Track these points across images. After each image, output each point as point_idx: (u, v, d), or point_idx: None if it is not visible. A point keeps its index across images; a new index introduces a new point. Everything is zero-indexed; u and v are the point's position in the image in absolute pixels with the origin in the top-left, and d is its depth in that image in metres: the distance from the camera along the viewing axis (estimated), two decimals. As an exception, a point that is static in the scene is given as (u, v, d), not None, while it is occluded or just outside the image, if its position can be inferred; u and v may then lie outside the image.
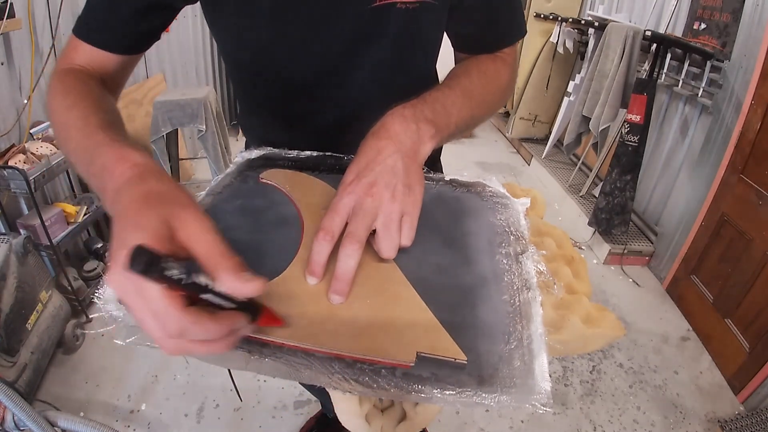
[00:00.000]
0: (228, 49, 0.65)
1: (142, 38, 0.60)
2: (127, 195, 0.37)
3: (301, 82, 0.63)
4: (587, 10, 3.43)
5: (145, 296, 0.30)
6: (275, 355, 0.36)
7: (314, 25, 0.57)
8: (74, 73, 0.55)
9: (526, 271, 0.47)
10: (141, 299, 0.31)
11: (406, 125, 0.49)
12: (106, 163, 0.40)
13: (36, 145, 1.53)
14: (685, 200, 2.22)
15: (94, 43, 0.56)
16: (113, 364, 1.62)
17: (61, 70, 0.56)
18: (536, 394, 0.35)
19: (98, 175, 0.41)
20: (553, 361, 1.76)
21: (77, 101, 0.49)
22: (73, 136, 0.46)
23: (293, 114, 0.67)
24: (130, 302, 0.32)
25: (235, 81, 0.72)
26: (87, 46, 0.57)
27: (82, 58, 0.57)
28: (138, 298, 0.31)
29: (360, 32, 0.58)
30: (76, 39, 0.57)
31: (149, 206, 0.35)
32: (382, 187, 0.45)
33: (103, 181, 0.40)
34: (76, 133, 0.46)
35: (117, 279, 0.32)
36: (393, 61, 0.62)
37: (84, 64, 0.57)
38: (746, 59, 1.86)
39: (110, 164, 0.40)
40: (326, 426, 1.40)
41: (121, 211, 0.36)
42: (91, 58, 0.57)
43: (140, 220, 0.34)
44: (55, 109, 0.51)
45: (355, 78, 0.62)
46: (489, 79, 0.62)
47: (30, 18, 1.62)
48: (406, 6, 0.56)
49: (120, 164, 0.39)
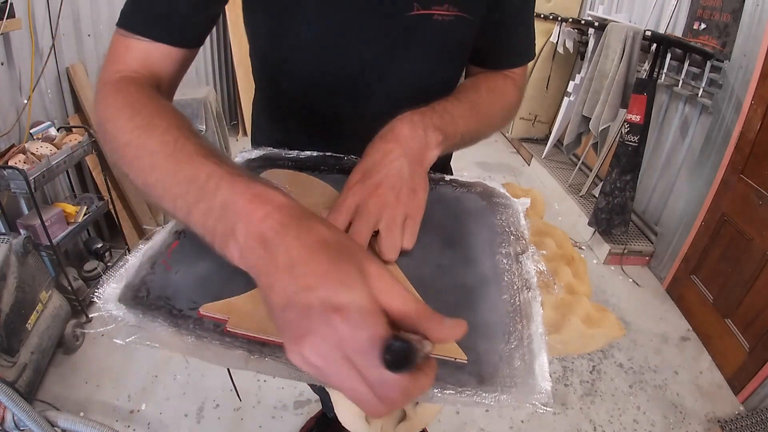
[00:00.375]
0: (262, 47, 0.63)
1: (203, 28, 0.55)
2: (294, 243, 0.31)
3: (332, 85, 0.62)
4: (587, 10, 3.43)
5: (370, 375, 0.28)
6: (275, 354, 0.36)
7: (353, 28, 0.57)
8: (135, 84, 0.48)
9: (526, 271, 0.47)
10: (354, 372, 0.28)
11: (415, 130, 0.49)
12: (231, 201, 0.34)
13: (36, 145, 1.53)
14: (685, 200, 2.22)
15: (154, 36, 0.50)
16: (113, 364, 1.62)
17: (117, 80, 0.48)
18: (536, 394, 0.35)
19: (214, 213, 0.35)
20: (553, 361, 1.76)
21: (155, 121, 0.42)
22: (160, 164, 0.39)
23: (317, 117, 0.66)
24: (336, 374, 0.28)
25: (262, 80, 0.70)
26: (141, 44, 0.50)
27: (136, 60, 0.50)
28: (352, 373, 0.28)
29: (396, 40, 0.58)
30: (126, 37, 0.50)
31: (338, 258, 0.31)
32: (387, 189, 0.45)
33: (227, 221, 0.34)
34: (165, 161, 0.39)
35: (323, 353, 0.28)
36: (424, 70, 0.62)
37: (138, 67, 0.50)
38: (746, 59, 1.86)
39: (241, 204, 0.34)
40: (326, 426, 1.40)
41: (291, 263, 0.31)
42: (147, 57, 0.51)
43: (340, 276, 0.30)
44: (121, 129, 0.43)
45: (385, 85, 0.62)
46: (497, 96, 0.64)
47: (30, 18, 1.62)
48: (442, 17, 0.57)
49: (258, 205, 0.34)
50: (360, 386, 0.28)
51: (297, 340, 0.29)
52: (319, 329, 0.28)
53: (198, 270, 0.43)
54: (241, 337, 0.37)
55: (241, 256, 0.33)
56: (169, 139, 0.40)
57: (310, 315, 0.29)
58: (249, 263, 0.33)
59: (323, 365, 0.28)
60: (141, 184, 0.41)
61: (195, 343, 0.37)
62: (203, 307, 0.39)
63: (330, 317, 0.28)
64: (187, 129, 0.42)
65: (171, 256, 0.45)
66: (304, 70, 0.62)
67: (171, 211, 0.39)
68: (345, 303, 0.28)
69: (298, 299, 0.29)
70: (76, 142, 1.63)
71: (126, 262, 0.44)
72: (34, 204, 1.45)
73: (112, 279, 0.41)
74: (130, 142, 0.42)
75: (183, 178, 0.37)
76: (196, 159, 0.38)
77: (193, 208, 0.36)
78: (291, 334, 0.29)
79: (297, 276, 0.30)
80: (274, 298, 0.30)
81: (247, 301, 0.39)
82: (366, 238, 0.43)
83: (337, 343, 0.28)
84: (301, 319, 0.29)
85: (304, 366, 0.30)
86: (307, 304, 0.29)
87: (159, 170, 0.39)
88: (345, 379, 0.28)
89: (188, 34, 0.53)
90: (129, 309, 0.38)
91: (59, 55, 1.80)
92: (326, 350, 0.28)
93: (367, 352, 0.27)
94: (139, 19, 0.50)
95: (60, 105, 1.87)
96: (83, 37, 1.94)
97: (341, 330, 0.28)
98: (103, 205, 1.83)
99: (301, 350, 0.29)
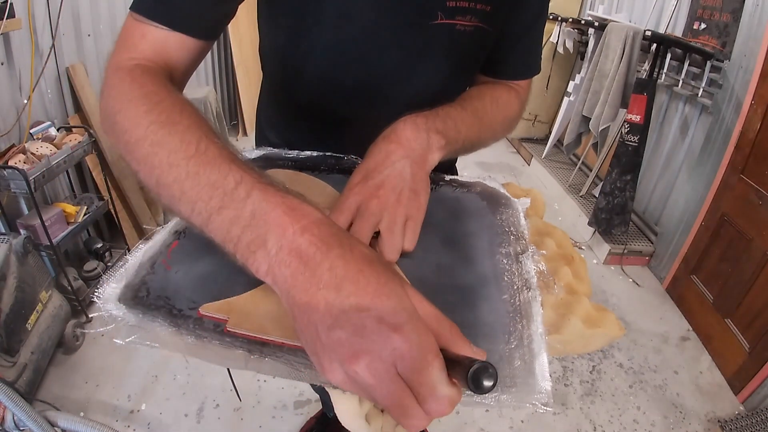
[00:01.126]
0: (280, 47, 0.62)
1: (222, 20, 0.53)
2: (339, 261, 0.31)
3: (349, 90, 0.62)
4: (587, 10, 3.43)
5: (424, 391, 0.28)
6: (275, 354, 0.36)
7: (375, 33, 0.57)
8: (150, 74, 0.45)
9: (526, 270, 0.48)
10: (406, 390, 0.28)
11: (418, 133, 0.49)
12: (263, 211, 0.33)
13: (36, 145, 1.53)
14: (685, 200, 2.22)
15: (172, 25, 0.47)
16: (113, 364, 1.62)
17: (130, 68, 0.45)
18: (536, 394, 0.35)
19: (241, 222, 0.34)
20: (553, 361, 1.76)
21: (174, 117, 0.40)
22: (179, 163, 0.37)
23: (330, 121, 0.66)
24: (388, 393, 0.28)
25: (276, 81, 0.69)
26: (158, 32, 0.47)
27: (151, 48, 0.48)
28: (404, 390, 0.28)
29: (417, 48, 0.58)
30: (143, 23, 0.47)
31: (386, 277, 0.31)
32: (389, 190, 0.45)
33: (257, 231, 0.33)
34: (186, 162, 0.37)
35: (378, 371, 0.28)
36: (441, 79, 0.63)
37: (152, 55, 0.48)
38: (746, 59, 1.86)
39: (274, 215, 0.33)
40: (326, 426, 1.40)
41: (337, 281, 0.31)
42: (163, 46, 0.48)
43: (392, 295, 0.30)
44: (135, 122, 0.40)
45: (402, 91, 0.62)
46: (500, 107, 0.64)
47: (30, 18, 1.62)
48: (464, 28, 0.57)
49: (294, 218, 0.33)
50: (411, 403, 0.28)
51: (349, 359, 0.28)
52: (374, 348, 0.28)
53: (198, 270, 0.43)
54: (241, 337, 0.37)
55: (269, 269, 0.33)
56: (192, 139, 0.38)
57: (364, 334, 0.29)
58: (279, 277, 0.32)
59: (375, 384, 0.28)
60: (153, 183, 0.39)
61: (195, 343, 0.37)
62: (203, 307, 0.39)
63: (389, 336, 0.28)
64: (209, 129, 0.40)
65: (171, 256, 0.45)
66: (322, 73, 0.61)
67: (185, 214, 0.37)
68: (401, 322, 0.29)
69: (349, 318, 0.29)
70: (76, 142, 1.63)
71: (126, 262, 0.44)
72: (34, 204, 1.45)
73: (112, 279, 0.41)
74: (145, 136, 0.39)
75: (206, 182, 0.35)
76: (222, 163, 0.36)
77: (216, 215, 0.35)
78: (340, 353, 0.29)
79: (345, 295, 0.30)
80: (315, 316, 0.30)
81: (247, 301, 0.39)
82: (367, 238, 0.43)
83: (394, 361, 0.28)
84: (354, 338, 0.29)
85: (346, 384, 0.30)
86: (360, 324, 0.29)
87: (178, 170, 0.37)
88: (397, 397, 0.28)
89: (209, 25, 0.51)
90: (129, 309, 0.38)
91: (59, 55, 1.80)
92: (382, 369, 0.28)
93: (423, 369, 0.28)
94: (161, 6, 0.47)
95: (60, 105, 1.86)
96: (83, 37, 1.93)
97: (401, 348, 0.28)
98: (103, 205, 1.83)
99: (355, 369, 0.28)
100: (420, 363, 0.28)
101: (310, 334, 0.31)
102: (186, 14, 0.48)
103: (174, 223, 0.50)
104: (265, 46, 0.66)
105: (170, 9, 0.47)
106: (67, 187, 1.90)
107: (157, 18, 0.47)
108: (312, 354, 0.32)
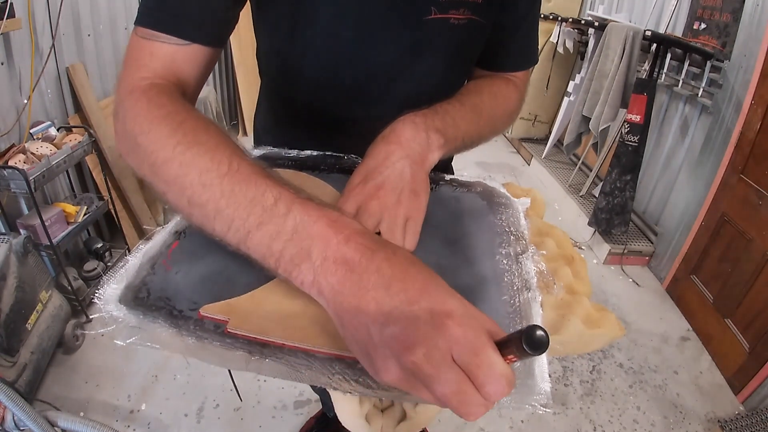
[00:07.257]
0: (277, 47, 0.62)
1: (228, 26, 0.53)
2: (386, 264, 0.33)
3: (345, 88, 0.62)
4: (587, 10, 3.43)
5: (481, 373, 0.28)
6: (276, 355, 0.36)
7: (370, 30, 0.57)
8: (166, 94, 0.45)
9: (526, 271, 0.47)
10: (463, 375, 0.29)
11: (417, 132, 0.49)
12: (305, 225, 0.34)
13: (36, 145, 1.53)
14: (685, 200, 2.22)
15: (182, 35, 0.47)
16: (113, 364, 1.62)
17: (145, 89, 0.45)
18: (536, 395, 0.35)
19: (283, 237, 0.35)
20: (553, 361, 1.76)
21: (200, 137, 0.40)
22: (212, 182, 0.37)
23: (328, 119, 0.66)
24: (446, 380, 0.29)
25: (273, 81, 0.69)
26: (166, 47, 0.47)
27: (161, 64, 0.47)
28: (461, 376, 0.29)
29: (412, 43, 0.58)
30: (150, 41, 0.47)
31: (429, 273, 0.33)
32: (389, 191, 0.45)
33: (300, 244, 0.34)
34: (219, 180, 0.37)
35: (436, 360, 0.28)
36: (436, 74, 0.62)
37: (163, 72, 0.47)
38: (746, 59, 1.86)
39: (317, 228, 0.34)
40: (326, 426, 1.40)
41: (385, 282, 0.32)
42: (173, 61, 0.48)
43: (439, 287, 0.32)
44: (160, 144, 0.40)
45: (398, 88, 0.62)
46: (499, 101, 0.64)
47: (30, 18, 1.62)
48: (458, 21, 0.57)
49: (337, 230, 0.34)
50: (469, 389, 0.29)
51: (406, 351, 0.29)
52: (429, 337, 0.29)
53: (198, 270, 0.43)
54: (241, 338, 0.37)
55: (315, 279, 0.34)
56: (222, 158, 0.38)
57: (418, 325, 0.29)
58: (325, 286, 0.33)
59: (434, 372, 0.29)
60: (184, 203, 0.39)
61: (195, 344, 0.37)
62: (204, 308, 0.39)
63: (443, 323, 0.29)
64: (236, 146, 0.40)
65: (171, 256, 0.45)
66: (319, 71, 0.61)
67: (221, 233, 0.37)
68: (452, 309, 0.29)
69: (401, 313, 0.30)
70: (76, 141, 1.63)
71: (126, 262, 0.44)
72: (34, 204, 1.45)
73: (113, 279, 0.41)
74: (173, 158, 0.39)
75: (243, 200, 0.36)
76: (257, 180, 0.37)
77: (255, 231, 0.35)
78: (395, 348, 0.30)
79: (394, 292, 0.31)
80: (367, 318, 0.31)
81: (248, 302, 0.39)
82: None
83: (450, 347, 0.29)
84: (408, 331, 0.29)
85: (402, 381, 0.30)
86: (413, 316, 0.30)
87: (212, 189, 0.37)
88: (456, 384, 0.29)
89: (217, 32, 0.51)
90: (129, 310, 0.38)
91: (59, 55, 1.79)
92: (439, 356, 0.28)
93: (480, 351, 0.28)
94: (167, 17, 0.47)
95: (60, 105, 1.86)
96: (83, 37, 1.93)
97: (456, 333, 0.29)
98: (103, 205, 1.83)
99: (413, 360, 0.29)
100: (475, 345, 0.29)
101: (362, 336, 0.31)
102: (193, 22, 0.48)
103: (174, 223, 0.50)
104: (261, 49, 0.66)
105: (178, 19, 0.47)
106: (67, 187, 1.89)
107: (167, 30, 0.47)
108: (364, 356, 0.32)
